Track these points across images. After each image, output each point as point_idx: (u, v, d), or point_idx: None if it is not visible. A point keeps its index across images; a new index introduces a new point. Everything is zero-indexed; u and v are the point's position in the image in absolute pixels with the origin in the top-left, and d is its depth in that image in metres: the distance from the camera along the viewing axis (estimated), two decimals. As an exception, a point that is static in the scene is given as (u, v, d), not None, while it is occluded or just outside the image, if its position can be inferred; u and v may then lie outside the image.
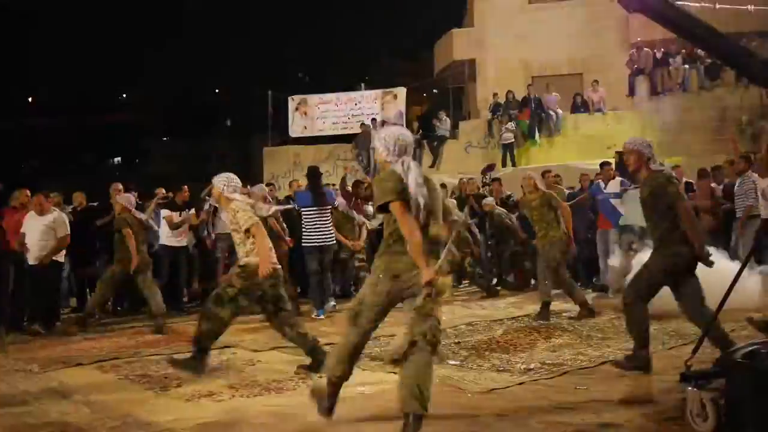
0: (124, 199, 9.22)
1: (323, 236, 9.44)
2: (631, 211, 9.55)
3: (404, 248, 4.06)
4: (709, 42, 4.30)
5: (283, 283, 6.17)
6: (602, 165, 10.99)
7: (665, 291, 5.57)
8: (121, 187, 10.56)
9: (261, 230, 6.00)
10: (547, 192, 8.67)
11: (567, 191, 11.63)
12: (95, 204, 11.40)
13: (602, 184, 10.63)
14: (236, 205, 6.08)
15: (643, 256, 7.41)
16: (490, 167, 16.31)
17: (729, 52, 4.23)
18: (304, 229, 9.53)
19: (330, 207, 9.60)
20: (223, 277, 6.66)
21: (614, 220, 10.25)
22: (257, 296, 6.02)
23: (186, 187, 10.79)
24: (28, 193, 9.61)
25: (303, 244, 9.55)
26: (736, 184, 10.06)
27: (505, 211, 11.81)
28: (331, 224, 9.56)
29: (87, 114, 41.75)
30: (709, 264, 5.31)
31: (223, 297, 5.94)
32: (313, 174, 9.69)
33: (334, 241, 9.69)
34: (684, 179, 11.18)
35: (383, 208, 4.13)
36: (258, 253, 5.93)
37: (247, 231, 5.97)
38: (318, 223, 9.40)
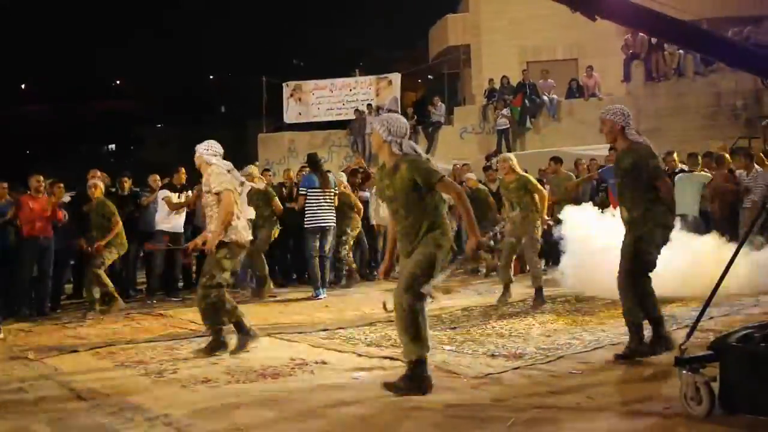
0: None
1: (325, 218, 9.67)
2: (682, 200, 9.60)
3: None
4: (686, 38, 4.41)
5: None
6: (612, 149, 10.99)
7: (659, 275, 5.56)
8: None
9: (229, 198, 5.99)
10: (523, 175, 8.67)
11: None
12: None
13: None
14: (213, 168, 6.10)
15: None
16: (494, 154, 16.28)
17: (701, 42, 4.32)
18: (307, 211, 9.75)
19: (333, 191, 9.72)
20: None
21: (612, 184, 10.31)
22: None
23: (182, 168, 10.74)
24: (41, 178, 9.61)
25: (305, 226, 9.72)
26: (748, 177, 10.16)
27: (486, 189, 11.93)
28: (333, 207, 9.69)
29: (80, 101, 41.56)
30: None
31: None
32: (313, 160, 9.99)
33: (334, 225, 9.80)
34: (680, 165, 11.20)
35: (433, 186, 4.58)
36: (217, 220, 6.00)
37: (218, 194, 5.98)
38: (323, 204, 9.69)
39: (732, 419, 3.87)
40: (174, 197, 10.42)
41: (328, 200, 9.73)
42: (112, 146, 46.57)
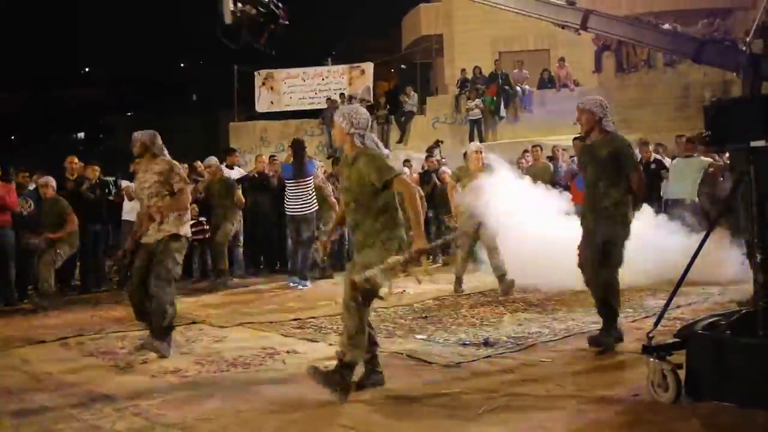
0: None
1: (300, 207, 9.72)
2: (681, 185, 9.72)
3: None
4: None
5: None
6: (577, 139, 11.06)
7: (628, 264, 5.62)
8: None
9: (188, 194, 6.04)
10: (490, 165, 8.72)
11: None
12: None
13: None
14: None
15: None
16: (436, 144, 16.17)
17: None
18: (285, 199, 9.92)
19: (309, 179, 9.73)
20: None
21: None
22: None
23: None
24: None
25: (285, 213, 9.99)
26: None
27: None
28: (309, 196, 9.71)
29: (48, 89, 40.89)
30: None
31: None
32: (296, 146, 9.98)
33: (312, 213, 9.78)
34: (654, 155, 11.25)
35: (388, 184, 4.44)
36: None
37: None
38: (297, 193, 9.73)
39: (698, 406, 3.94)
40: (132, 187, 10.31)
41: (302, 189, 9.71)
42: (81, 134, 45.91)
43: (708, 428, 3.70)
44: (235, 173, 11.48)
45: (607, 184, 5.50)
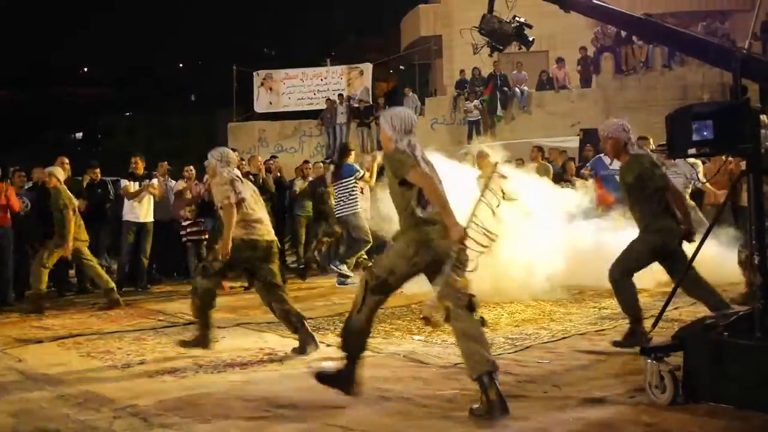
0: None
1: (338, 208, 10.05)
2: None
3: (429, 216, 4.20)
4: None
5: (272, 257, 6.04)
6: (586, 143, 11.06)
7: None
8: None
9: (229, 212, 5.88)
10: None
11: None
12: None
13: (606, 160, 10.62)
14: (216, 179, 6.03)
15: None
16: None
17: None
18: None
19: (344, 182, 9.97)
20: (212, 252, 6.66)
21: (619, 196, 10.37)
22: (244, 268, 6.16)
23: (138, 157, 10.64)
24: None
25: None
26: None
27: None
28: (345, 197, 9.98)
29: (46, 88, 40.84)
30: (692, 240, 5.40)
31: (209, 270, 5.93)
32: (340, 149, 10.65)
33: (346, 214, 9.91)
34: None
35: (405, 182, 4.21)
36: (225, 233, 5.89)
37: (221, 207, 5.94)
38: (336, 195, 10.10)
39: (695, 407, 3.94)
40: (132, 186, 10.31)
41: (340, 191, 9.97)
42: (79, 134, 45.85)
43: (705, 430, 3.70)
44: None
45: (639, 205, 5.53)
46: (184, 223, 10.89)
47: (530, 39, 6.23)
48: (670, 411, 3.94)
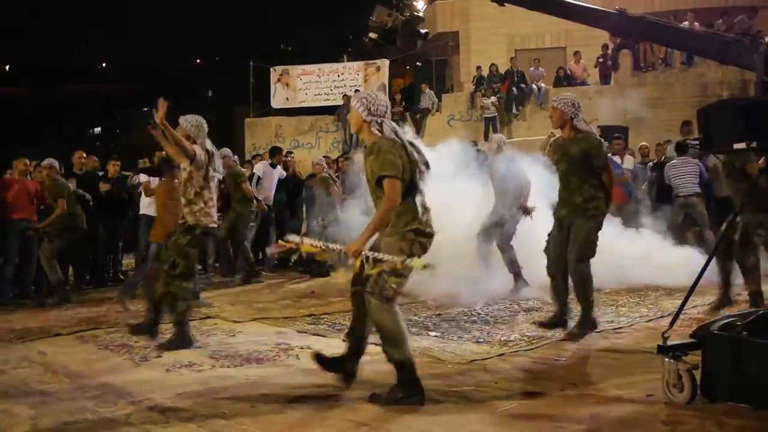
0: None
1: None
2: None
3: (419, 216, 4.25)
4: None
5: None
6: (613, 138, 10.96)
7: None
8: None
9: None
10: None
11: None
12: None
13: (617, 159, 10.55)
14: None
15: None
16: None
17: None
18: None
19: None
20: None
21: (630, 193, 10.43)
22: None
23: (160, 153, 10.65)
24: (27, 161, 9.47)
25: None
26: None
27: None
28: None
29: (64, 84, 41.15)
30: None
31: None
32: None
33: None
34: (663, 156, 11.13)
35: (380, 182, 4.18)
36: None
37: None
38: None
39: (713, 407, 3.91)
40: (152, 182, 10.28)
41: None
42: (98, 129, 46.18)
43: (723, 429, 3.67)
44: (276, 172, 11.46)
45: (579, 180, 5.78)
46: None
47: (423, 32, 6.42)
48: (688, 410, 3.92)
